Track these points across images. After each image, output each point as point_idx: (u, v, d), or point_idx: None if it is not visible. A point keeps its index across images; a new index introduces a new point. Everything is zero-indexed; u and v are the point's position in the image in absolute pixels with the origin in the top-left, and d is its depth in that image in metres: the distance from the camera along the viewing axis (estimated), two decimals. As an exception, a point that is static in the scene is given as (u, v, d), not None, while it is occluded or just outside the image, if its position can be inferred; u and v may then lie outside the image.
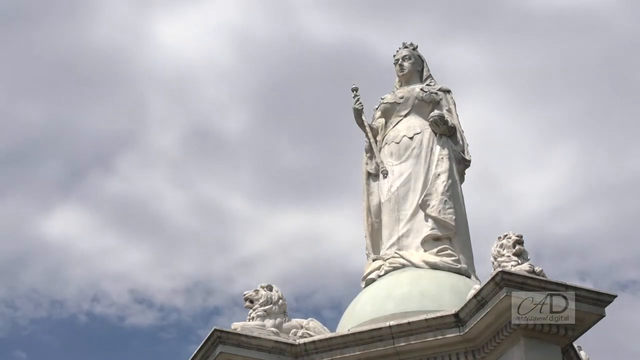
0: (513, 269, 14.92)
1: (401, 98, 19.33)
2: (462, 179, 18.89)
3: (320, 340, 16.13)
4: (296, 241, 41.67)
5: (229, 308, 42.80)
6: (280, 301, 16.65)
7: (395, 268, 17.67)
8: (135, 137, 43.57)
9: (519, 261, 15.30)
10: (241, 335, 15.78)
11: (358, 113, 19.32)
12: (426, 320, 15.54)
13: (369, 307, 17.03)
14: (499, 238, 15.84)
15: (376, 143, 19.18)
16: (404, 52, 20.07)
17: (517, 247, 15.55)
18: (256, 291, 16.73)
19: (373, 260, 18.27)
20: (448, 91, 19.56)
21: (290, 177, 41.57)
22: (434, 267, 17.40)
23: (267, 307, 16.48)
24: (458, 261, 17.61)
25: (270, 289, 16.76)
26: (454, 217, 17.94)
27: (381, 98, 19.72)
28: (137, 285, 44.39)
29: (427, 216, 17.98)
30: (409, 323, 15.64)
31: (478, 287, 15.24)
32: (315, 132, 40.95)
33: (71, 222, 44.34)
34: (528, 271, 14.97)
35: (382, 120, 19.46)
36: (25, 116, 42.64)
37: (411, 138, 18.79)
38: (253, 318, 16.39)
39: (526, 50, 39.44)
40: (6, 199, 44.81)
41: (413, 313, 16.05)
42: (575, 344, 16.18)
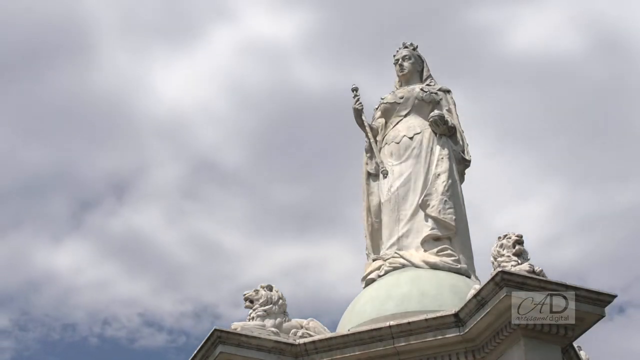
0: (513, 269, 14.93)
1: (401, 98, 19.33)
2: (462, 179, 18.90)
3: (320, 340, 16.12)
4: (291, 270, 43.37)
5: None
6: (280, 301, 16.65)
7: (395, 268, 17.67)
8: (135, 176, 45.97)
9: (519, 261, 15.29)
10: (241, 335, 15.77)
11: (358, 113, 19.32)
12: (426, 320, 15.54)
13: (369, 307, 17.03)
14: (499, 238, 15.83)
15: (376, 143, 19.19)
16: (404, 52, 20.05)
17: (517, 247, 15.54)
18: (256, 291, 16.73)
19: (373, 260, 18.28)
20: (448, 91, 19.56)
21: (282, 212, 43.99)
22: (434, 267, 17.41)
23: (267, 307, 16.48)
24: (458, 261, 17.62)
25: (270, 289, 16.75)
26: (454, 217, 17.95)
27: (381, 98, 19.72)
28: (146, 309, 46.75)
29: (427, 216, 17.99)
30: (409, 323, 15.63)
31: (478, 287, 15.23)
32: (305, 170, 43.34)
33: (79, 253, 46.78)
34: (528, 271, 14.96)
35: (382, 120, 19.46)
36: (35, 156, 45.49)
37: (411, 138, 18.79)
38: (253, 318, 16.39)
39: (510, 96, 41.70)
40: (19, 231, 47.38)
41: (413, 313, 16.06)
42: (575, 344, 16.20)
